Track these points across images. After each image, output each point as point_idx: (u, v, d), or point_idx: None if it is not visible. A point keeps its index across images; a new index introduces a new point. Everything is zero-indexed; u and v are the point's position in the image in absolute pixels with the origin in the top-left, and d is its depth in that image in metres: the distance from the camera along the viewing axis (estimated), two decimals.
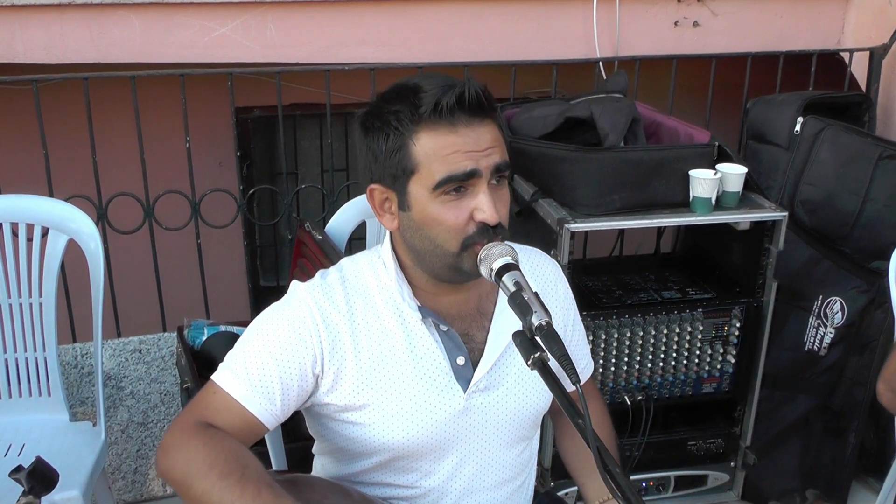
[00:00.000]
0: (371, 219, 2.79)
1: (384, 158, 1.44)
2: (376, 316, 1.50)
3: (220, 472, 1.30)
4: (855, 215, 2.71)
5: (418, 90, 1.41)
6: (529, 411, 1.58)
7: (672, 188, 2.48)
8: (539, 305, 1.30)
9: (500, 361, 1.54)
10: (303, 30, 3.07)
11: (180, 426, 1.41)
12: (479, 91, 1.40)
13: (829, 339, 2.77)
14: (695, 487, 2.82)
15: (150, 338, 2.94)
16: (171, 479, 1.37)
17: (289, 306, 1.49)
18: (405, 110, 1.41)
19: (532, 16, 3.21)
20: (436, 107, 1.38)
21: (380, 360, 1.48)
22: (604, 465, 1.21)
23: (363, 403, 1.48)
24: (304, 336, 1.45)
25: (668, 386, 2.65)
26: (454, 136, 1.39)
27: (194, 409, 1.44)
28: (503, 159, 1.43)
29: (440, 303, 1.53)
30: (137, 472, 2.99)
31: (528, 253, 1.66)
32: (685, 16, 3.33)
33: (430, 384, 1.49)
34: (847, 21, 3.44)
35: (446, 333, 1.52)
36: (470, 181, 1.40)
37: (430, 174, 1.40)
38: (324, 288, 1.51)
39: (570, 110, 2.62)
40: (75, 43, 2.90)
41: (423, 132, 1.39)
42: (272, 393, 1.43)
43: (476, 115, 1.40)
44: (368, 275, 1.53)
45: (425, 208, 1.42)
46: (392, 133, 1.42)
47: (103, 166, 2.85)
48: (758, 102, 3.08)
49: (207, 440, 1.36)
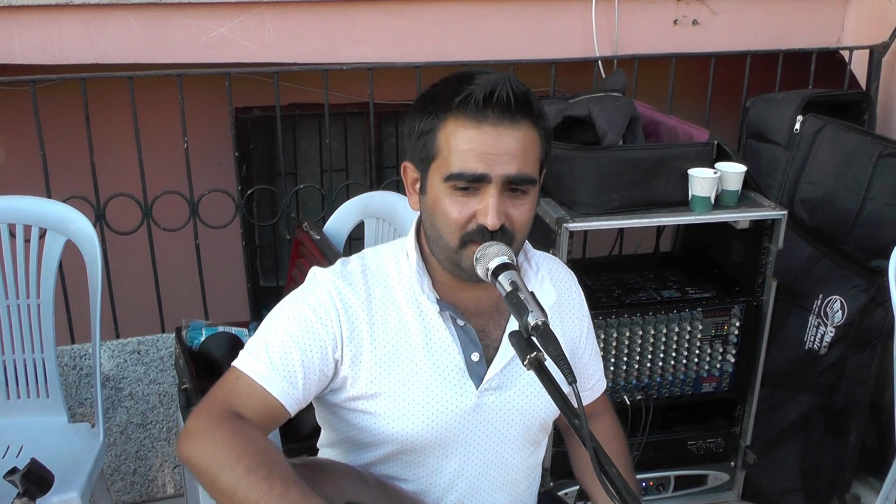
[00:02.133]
0: (369, 219, 2.79)
1: (416, 138, 1.44)
2: (394, 305, 1.49)
3: (247, 466, 1.28)
4: (855, 214, 2.70)
5: (468, 80, 1.39)
6: (540, 414, 1.57)
7: (671, 187, 2.47)
8: (535, 305, 1.29)
9: (514, 361, 1.52)
10: (301, 30, 3.07)
11: (206, 412, 1.38)
12: (514, 92, 1.36)
13: (829, 337, 2.76)
14: (695, 487, 2.82)
15: (148, 339, 2.93)
16: (194, 465, 1.34)
17: (309, 291, 1.49)
18: (445, 96, 1.40)
19: (531, 15, 3.21)
20: (466, 99, 1.36)
21: (395, 349, 1.48)
22: (600, 465, 1.21)
23: (376, 392, 1.47)
24: (326, 320, 1.45)
25: (668, 385, 2.65)
26: (476, 133, 1.37)
27: (218, 395, 1.42)
28: (520, 172, 1.38)
29: (459, 297, 1.52)
30: (136, 473, 2.98)
31: (546, 260, 1.65)
32: (684, 14, 3.33)
33: (443, 378, 1.49)
34: (847, 19, 3.44)
35: (463, 328, 1.51)
36: (479, 184, 1.38)
37: (446, 164, 1.39)
38: (344, 274, 1.50)
39: (568, 109, 2.62)
40: (73, 43, 2.90)
41: (451, 121, 1.39)
42: (294, 376, 1.41)
43: (507, 116, 1.36)
44: (390, 264, 1.53)
45: (437, 196, 1.42)
46: (427, 115, 1.42)
47: (101, 167, 2.85)
48: (757, 101, 3.07)
49: (235, 431, 1.33)
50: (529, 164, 1.40)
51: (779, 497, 2.91)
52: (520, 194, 1.41)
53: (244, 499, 1.27)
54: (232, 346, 2.48)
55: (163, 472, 3.02)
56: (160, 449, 2.99)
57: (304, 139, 4.25)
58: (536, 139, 1.42)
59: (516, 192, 1.40)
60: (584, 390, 1.71)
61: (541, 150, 1.43)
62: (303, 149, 4.28)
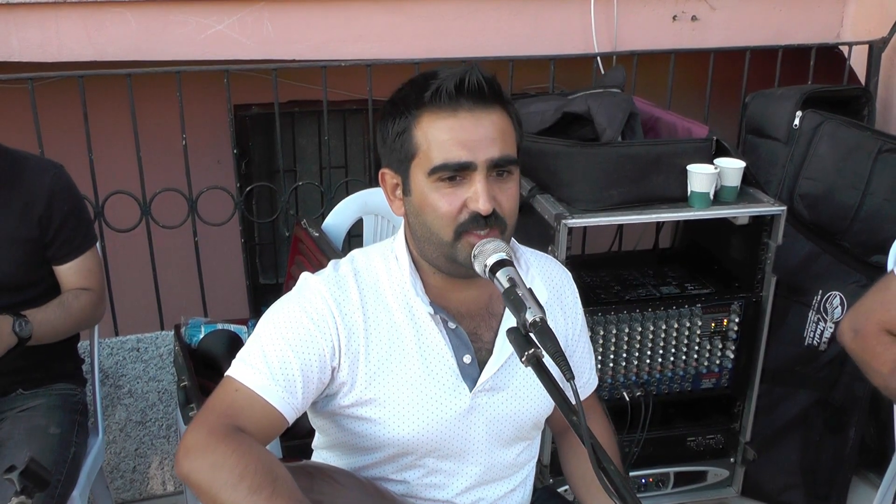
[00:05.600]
0: (368, 216, 2.79)
1: (391, 141, 1.44)
2: (386, 310, 1.49)
3: (249, 486, 1.26)
4: (854, 209, 2.70)
5: (431, 77, 1.41)
6: (532, 414, 1.57)
7: (670, 183, 2.47)
8: (533, 301, 1.28)
9: (507, 363, 1.53)
10: (299, 26, 3.06)
11: (204, 426, 1.34)
12: (483, 78, 1.38)
13: (828, 333, 2.76)
14: (694, 483, 2.81)
15: (147, 336, 2.93)
16: (194, 483, 1.30)
17: (303, 297, 1.47)
18: (412, 94, 1.41)
19: (529, 11, 3.21)
20: (437, 91, 1.37)
21: (389, 354, 1.47)
22: (598, 462, 1.20)
23: (371, 398, 1.47)
24: (323, 326, 1.44)
25: (668, 382, 2.64)
26: (454, 121, 1.38)
27: (217, 407, 1.39)
28: (503, 154, 1.40)
29: (449, 300, 1.51)
30: (136, 470, 2.98)
31: (538, 258, 1.65)
32: (683, 10, 3.32)
33: (437, 381, 1.49)
34: (846, 14, 3.43)
35: (454, 331, 1.51)
36: (465, 172, 1.38)
37: (427, 159, 1.39)
38: (337, 280, 1.49)
39: (567, 105, 2.61)
40: (71, 41, 2.89)
41: (425, 116, 1.39)
42: (294, 385, 1.40)
43: (479, 102, 1.39)
44: (380, 268, 1.52)
45: (423, 193, 1.41)
46: (399, 116, 1.42)
47: (99, 164, 2.85)
48: (756, 96, 3.07)
49: (236, 447, 1.30)
50: (509, 145, 1.42)
51: (778, 493, 2.91)
52: (506, 176, 1.42)
53: None
54: (231, 344, 2.48)
55: (162, 470, 3.02)
56: (159, 446, 2.99)
57: (303, 136, 4.25)
58: (510, 122, 1.44)
59: (502, 175, 1.41)
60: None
61: (515, 132, 1.45)
62: (301, 146, 4.28)
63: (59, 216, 2.10)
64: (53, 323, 2.07)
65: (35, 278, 2.12)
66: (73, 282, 2.16)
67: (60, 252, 2.14)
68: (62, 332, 2.13)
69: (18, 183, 2.06)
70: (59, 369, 2.24)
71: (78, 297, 2.15)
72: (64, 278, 2.16)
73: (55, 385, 2.22)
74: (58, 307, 2.10)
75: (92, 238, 2.22)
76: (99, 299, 2.21)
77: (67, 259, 2.15)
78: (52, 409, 2.16)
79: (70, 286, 2.16)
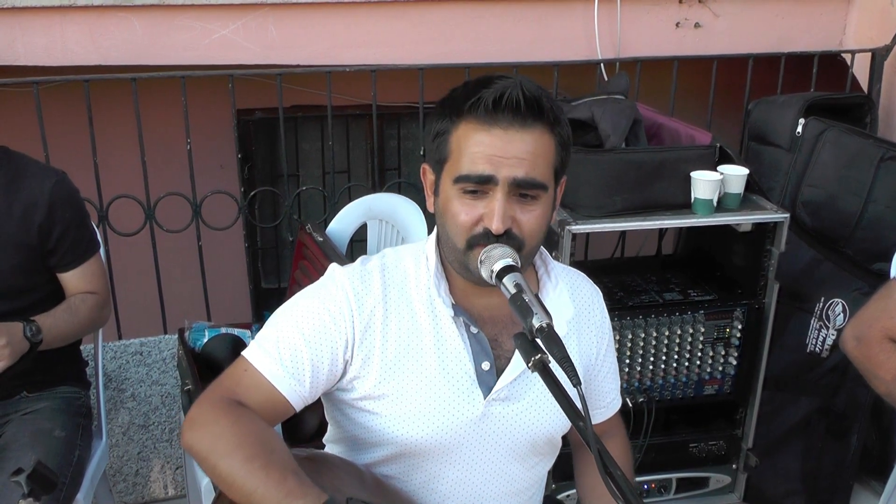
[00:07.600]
0: (372, 221, 2.79)
1: (432, 139, 1.45)
2: (409, 308, 1.49)
3: (245, 455, 1.30)
4: (857, 217, 2.70)
5: (483, 85, 1.40)
6: (547, 430, 1.55)
7: (673, 190, 2.48)
8: (540, 307, 1.28)
9: (525, 374, 1.51)
10: (303, 31, 3.07)
11: (209, 401, 1.40)
12: (525, 96, 1.35)
13: (830, 340, 2.76)
14: (696, 489, 2.82)
15: (150, 340, 2.94)
16: (195, 452, 1.36)
17: (324, 289, 1.49)
18: (459, 99, 1.41)
19: (533, 17, 3.21)
20: (477, 102, 1.37)
21: (406, 352, 1.47)
22: (605, 467, 1.21)
23: (383, 394, 1.47)
24: (339, 319, 1.45)
25: (670, 388, 2.65)
26: (485, 136, 1.37)
27: (224, 384, 1.43)
28: (528, 176, 1.37)
29: (473, 304, 1.51)
30: (139, 474, 2.98)
31: (568, 273, 1.64)
32: (686, 17, 3.33)
33: (452, 385, 1.48)
34: (849, 22, 3.44)
35: (475, 336, 1.50)
36: (487, 186, 1.38)
37: (456, 166, 1.40)
38: (362, 274, 1.50)
39: (571, 112, 2.62)
40: (76, 45, 2.90)
41: (463, 125, 1.39)
42: (302, 374, 1.42)
43: (517, 120, 1.36)
44: (409, 265, 1.52)
45: (447, 198, 1.42)
46: (443, 118, 1.43)
47: (104, 168, 2.85)
48: (759, 104, 3.08)
49: (236, 419, 1.35)
50: (539, 169, 1.39)
51: (780, 499, 2.91)
52: (529, 200, 1.39)
53: (242, 486, 1.29)
54: (234, 348, 2.48)
55: (165, 474, 3.02)
56: (162, 450, 2.99)
57: (307, 141, 4.25)
58: (550, 145, 1.40)
59: (525, 198, 1.39)
60: (599, 408, 1.70)
61: (555, 156, 1.41)
62: (305, 150, 4.28)
63: (61, 226, 2.10)
64: (62, 327, 2.08)
65: (34, 284, 2.13)
66: (77, 287, 2.16)
67: (64, 261, 2.14)
68: (70, 336, 2.13)
69: (20, 188, 2.07)
70: (63, 372, 2.25)
71: (85, 300, 2.15)
72: (68, 284, 2.17)
73: (59, 388, 2.23)
74: (65, 311, 2.11)
75: (95, 245, 2.22)
76: (104, 302, 2.22)
77: (71, 267, 2.15)
78: (57, 412, 2.17)
79: (74, 291, 2.16)
